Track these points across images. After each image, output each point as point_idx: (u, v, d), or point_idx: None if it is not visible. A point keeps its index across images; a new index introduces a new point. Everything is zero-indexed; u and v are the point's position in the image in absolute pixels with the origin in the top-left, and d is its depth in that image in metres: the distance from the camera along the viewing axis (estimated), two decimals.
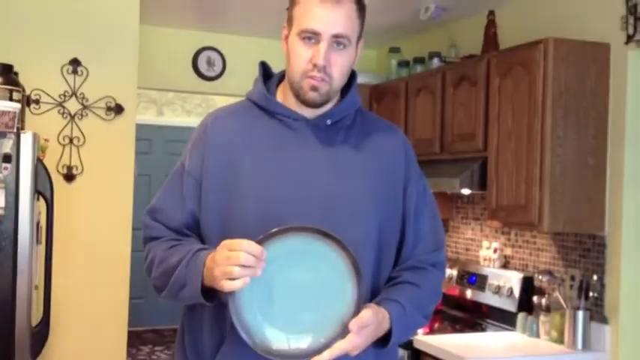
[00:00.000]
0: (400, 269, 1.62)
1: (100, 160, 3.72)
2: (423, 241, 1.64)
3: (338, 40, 1.51)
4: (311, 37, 1.51)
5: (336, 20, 1.50)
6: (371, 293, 1.57)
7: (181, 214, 1.57)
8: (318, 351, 1.40)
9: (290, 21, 1.57)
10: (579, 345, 2.93)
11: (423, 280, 1.60)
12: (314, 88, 1.52)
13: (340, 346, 1.40)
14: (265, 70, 1.68)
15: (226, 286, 1.35)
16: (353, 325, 1.40)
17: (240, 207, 1.52)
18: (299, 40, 1.52)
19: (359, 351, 1.43)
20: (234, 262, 1.34)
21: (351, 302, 1.42)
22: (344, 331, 1.40)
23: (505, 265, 3.56)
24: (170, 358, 6.09)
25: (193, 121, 6.85)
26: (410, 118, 3.87)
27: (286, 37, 1.58)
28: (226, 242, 1.38)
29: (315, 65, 1.50)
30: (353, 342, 1.40)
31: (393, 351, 1.68)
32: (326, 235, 1.40)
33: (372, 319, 1.43)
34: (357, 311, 1.41)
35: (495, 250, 3.60)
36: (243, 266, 1.34)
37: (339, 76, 1.54)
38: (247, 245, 1.34)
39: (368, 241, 1.56)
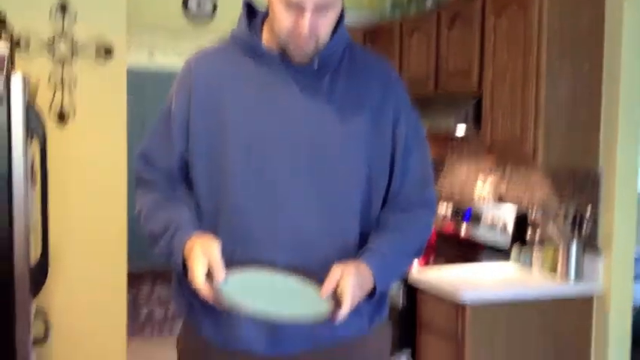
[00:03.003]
0: (387, 211, 1.62)
1: (92, 103, 3.70)
2: (411, 178, 1.62)
3: (322, 7, 1.46)
4: (294, 6, 1.45)
5: None
6: (360, 231, 1.58)
7: (170, 156, 1.58)
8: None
9: None
10: (572, 276, 2.97)
11: (409, 222, 1.60)
12: (300, 49, 1.50)
13: (345, 310, 1.41)
14: (251, 7, 1.63)
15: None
16: (324, 291, 1.42)
17: (228, 149, 1.52)
18: (282, 6, 1.47)
19: (359, 298, 1.46)
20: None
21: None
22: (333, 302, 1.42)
23: (499, 202, 3.58)
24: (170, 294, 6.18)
25: None
26: (404, 59, 3.84)
27: None
28: (190, 267, 1.42)
29: (300, 33, 1.47)
30: (346, 300, 1.41)
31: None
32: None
33: (338, 270, 1.44)
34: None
35: (490, 187, 3.62)
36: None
37: (325, 35, 1.51)
38: (199, 286, 1.39)
39: (357, 180, 1.56)
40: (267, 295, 1.42)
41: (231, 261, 1.50)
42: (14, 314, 2.32)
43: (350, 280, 1.42)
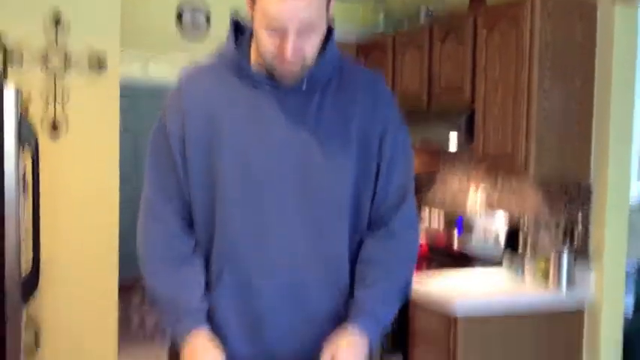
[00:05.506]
0: (373, 237, 1.61)
1: (84, 116, 3.70)
2: (393, 195, 1.61)
3: (305, 30, 1.43)
4: (277, 30, 1.42)
5: (300, 9, 1.39)
6: (349, 246, 1.58)
7: (180, 187, 1.56)
8: None
9: None
10: (564, 287, 2.98)
11: (396, 251, 1.60)
12: (287, 71, 1.48)
13: None
14: (238, 24, 1.61)
15: None
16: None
17: (219, 176, 1.52)
18: (265, 31, 1.44)
19: None
20: None
21: None
22: None
23: (491, 214, 3.59)
24: None
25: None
26: (397, 73, 3.86)
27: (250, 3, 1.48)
28: None
29: (285, 58, 1.44)
30: None
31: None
32: None
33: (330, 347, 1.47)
34: None
35: (481, 198, 3.63)
36: None
37: (311, 54, 1.48)
38: None
39: (345, 199, 1.56)
40: None
41: (221, 281, 1.53)
42: (5, 322, 2.32)
43: None
